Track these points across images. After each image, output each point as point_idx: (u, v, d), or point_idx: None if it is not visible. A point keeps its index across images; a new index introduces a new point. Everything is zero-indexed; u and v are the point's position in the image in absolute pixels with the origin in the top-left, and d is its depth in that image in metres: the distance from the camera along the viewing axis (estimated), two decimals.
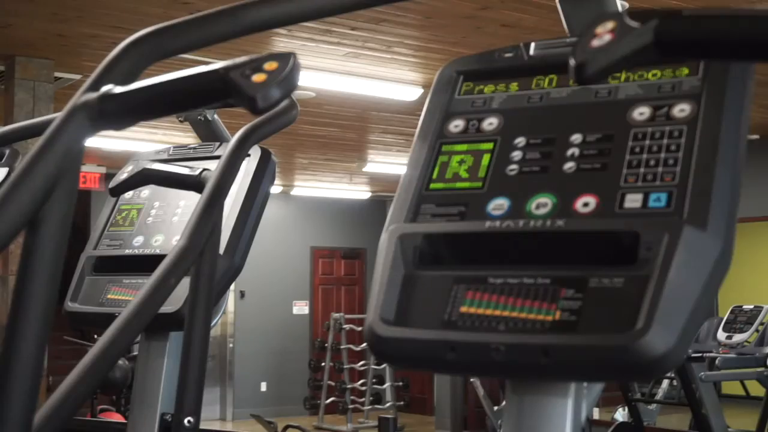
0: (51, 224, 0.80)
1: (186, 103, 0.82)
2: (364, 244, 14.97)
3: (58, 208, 0.80)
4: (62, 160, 0.81)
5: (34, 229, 0.79)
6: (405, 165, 3.18)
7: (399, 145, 9.77)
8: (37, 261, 0.79)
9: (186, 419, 1.31)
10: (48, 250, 0.80)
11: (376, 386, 13.40)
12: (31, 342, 0.78)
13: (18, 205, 0.78)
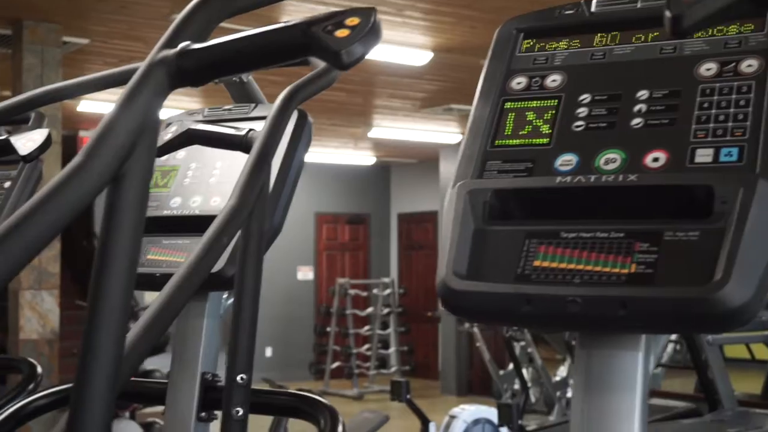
0: (133, 179, 0.81)
1: (266, 60, 0.82)
2: (369, 209, 14.99)
3: (140, 163, 0.81)
4: (143, 116, 0.82)
5: (117, 184, 0.80)
6: (412, 130, 3.17)
7: (406, 110, 9.76)
8: (121, 216, 0.80)
9: (239, 376, 1.32)
10: (131, 205, 0.81)
11: (381, 351, 13.47)
12: (118, 297, 0.79)
13: (102, 162, 0.79)
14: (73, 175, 0.77)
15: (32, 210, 0.74)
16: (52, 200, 0.76)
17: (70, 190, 0.77)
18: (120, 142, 0.80)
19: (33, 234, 0.74)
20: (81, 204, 0.77)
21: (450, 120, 10.48)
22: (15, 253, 0.72)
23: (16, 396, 2.15)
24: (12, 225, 0.73)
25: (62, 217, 0.76)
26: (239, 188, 1.30)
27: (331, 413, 1.53)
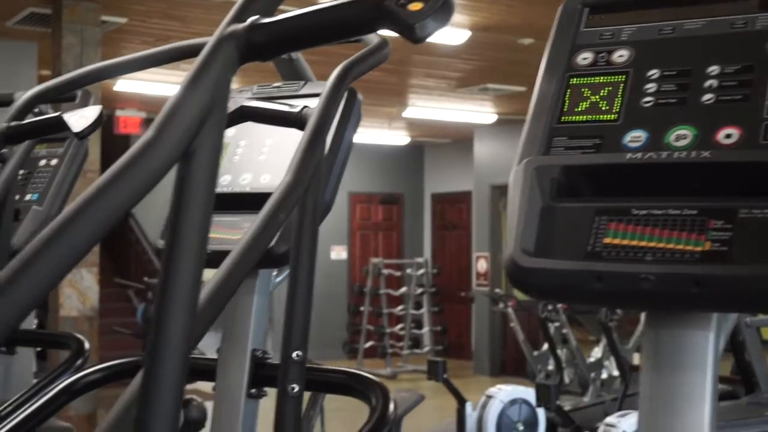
0: (204, 154, 0.81)
1: (337, 34, 0.82)
2: (402, 189, 14.98)
3: (210, 138, 0.81)
4: (213, 90, 0.81)
5: (187, 160, 0.80)
6: (447, 110, 3.15)
7: (441, 90, 9.72)
8: (191, 191, 0.80)
9: (294, 353, 1.33)
10: (202, 179, 0.81)
11: (414, 331, 13.49)
12: (189, 272, 0.79)
13: (173, 137, 0.78)
14: (145, 151, 0.77)
15: (106, 185, 0.74)
16: (124, 176, 0.75)
17: (142, 165, 0.77)
18: (190, 117, 0.80)
19: (107, 208, 0.73)
20: (153, 180, 0.77)
21: (485, 100, 10.43)
22: (90, 228, 0.72)
23: (65, 371, 2.17)
24: (87, 200, 0.73)
25: (134, 192, 0.76)
26: (294, 165, 1.29)
27: (383, 391, 1.53)
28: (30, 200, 2.37)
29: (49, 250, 0.69)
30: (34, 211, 2.33)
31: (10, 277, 0.67)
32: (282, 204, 1.23)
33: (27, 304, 0.67)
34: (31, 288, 0.67)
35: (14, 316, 0.66)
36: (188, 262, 0.79)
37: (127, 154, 0.77)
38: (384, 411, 1.50)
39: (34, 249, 0.69)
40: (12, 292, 0.66)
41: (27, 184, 2.42)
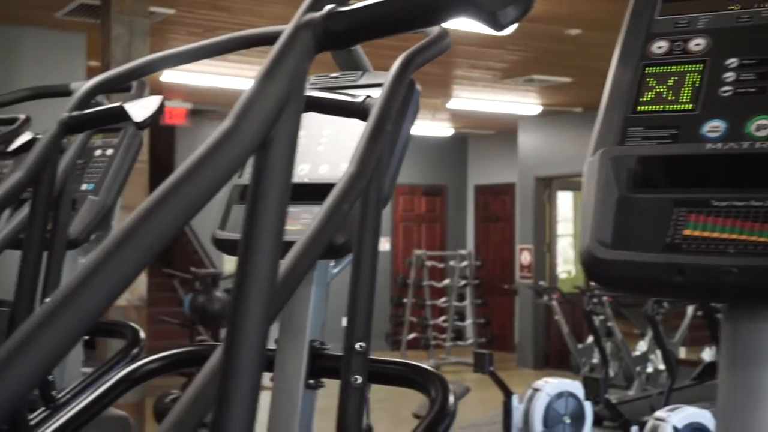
0: (281, 144, 0.80)
1: (416, 22, 0.81)
2: (445, 181, 14.95)
3: (287, 127, 0.80)
4: (290, 79, 0.81)
5: (265, 149, 0.80)
6: (491, 101, 3.10)
7: (486, 81, 9.67)
8: (268, 181, 0.80)
9: (357, 344, 1.32)
10: (279, 169, 0.80)
11: (457, 323, 13.47)
12: (266, 262, 0.79)
13: (252, 126, 0.78)
14: (224, 140, 0.77)
15: (186, 174, 0.74)
16: (204, 165, 0.75)
17: (221, 154, 0.76)
18: (268, 106, 0.79)
19: (189, 197, 0.73)
20: (232, 169, 0.77)
21: (530, 91, 10.37)
22: (172, 216, 0.72)
23: (121, 360, 2.19)
24: (169, 189, 0.72)
25: (215, 181, 0.76)
26: (358, 155, 1.28)
27: (442, 384, 1.52)
28: (86, 190, 2.39)
29: (133, 239, 0.69)
30: (90, 200, 2.35)
31: (97, 264, 0.67)
32: (345, 195, 1.22)
33: (115, 292, 0.67)
34: (118, 275, 0.67)
35: (106, 299, 0.66)
36: (265, 252, 0.79)
37: (206, 144, 0.76)
38: (444, 404, 1.49)
39: (117, 239, 0.69)
40: (100, 279, 0.66)
41: (83, 173, 2.44)
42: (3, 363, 0.61)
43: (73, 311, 0.64)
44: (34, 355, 0.62)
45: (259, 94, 0.79)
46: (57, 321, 0.63)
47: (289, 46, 0.82)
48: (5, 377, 0.60)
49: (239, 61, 8.27)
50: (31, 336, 0.62)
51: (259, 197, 0.80)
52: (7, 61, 7.18)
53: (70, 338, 0.64)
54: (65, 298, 0.64)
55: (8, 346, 0.62)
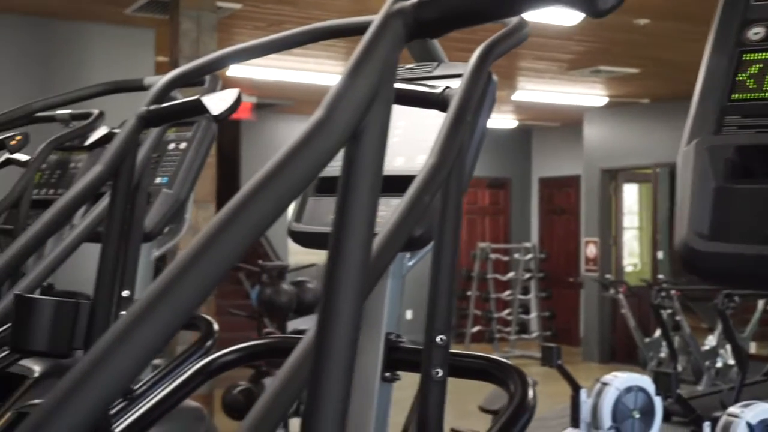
0: (372, 135, 0.79)
1: (510, 9, 0.79)
2: (509, 173, 14.85)
3: (378, 118, 0.79)
4: (381, 69, 0.80)
5: (355, 140, 0.79)
6: (557, 93, 3.03)
7: (552, 72, 9.58)
8: (360, 172, 0.79)
9: (438, 337, 1.31)
10: (370, 160, 0.79)
11: (522, 316, 13.40)
12: (357, 255, 0.78)
13: (343, 117, 0.77)
14: (316, 131, 0.76)
15: (279, 166, 0.73)
16: (297, 156, 0.74)
17: (314, 146, 0.75)
18: (359, 96, 0.78)
19: (282, 189, 0.73)
20: (324, 160, 0.76)
21: (596, 82, 10.25)
22: (266, 209, 0.71)
23: (195, 352, 2.20)
24: (262, 181, 0.72)
25: (307, 173, 0.75)
26: (438, 146, 1.27)
27: (521, 378, 1.50)
28: (160, 183, 2.41)
29: (227, 232, 0.69)
30: (165, 194, 2.37)
31: (192, 258, 0.66)
32: (426, 186, 1.21)
33: (209, 285, 0.66)
34: (213, 268, 0.67)
35: (202, 293, 0.65)
36: (357, 245, 0.78)
37: (299, 135, 0.76)
38: (523, 398, 1.47)
39: (211, 232, 0.69)
40: (195, 273, 0.65)
41: (157, 167, 2.46)
42: (104, 356, 0.60)
43: (170, 306, 0.64)
44: (133, 348, 0.61)
45: (350, 84, 0.78)
46: (156, 314, 0.62)
47: (379, 35, 0.81)
48: (108, 370, 0.60)
49: (303, 54, 8.30)
50: (130, 330, 0.62)
51: (350, 189, 0.79)
52: (76, 58, 7.29)
53: (167, 332, 0.64)
54: (162, 292, 0.64)
55: (108, 339, 0.62)
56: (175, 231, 2.56)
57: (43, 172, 3.00)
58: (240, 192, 0.72)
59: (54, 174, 3.01)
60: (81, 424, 0.58)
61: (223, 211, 0.70)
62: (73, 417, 0.58)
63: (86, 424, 0.59)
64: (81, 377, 0.60)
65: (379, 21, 0.81)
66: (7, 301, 1.67)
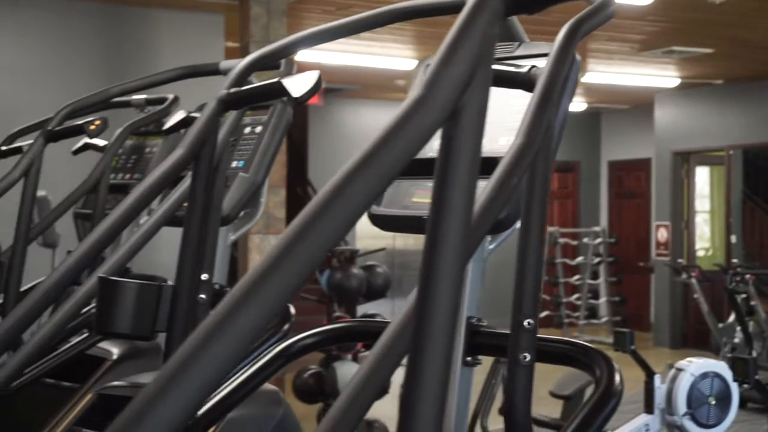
0: (471, 113, 0.77)
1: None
2: (578, 156, 14.70)
3: (477, 95, 0.77)
4: (480, 45, 0.78)
5: (455, 118, 0.77)
6: (627, 74, 2.95)
7: (623, 54, 9.43)
8: (458, 151, 0.77)
9: (525, 321, 1.29)
10: (469, 139, 0.77)
11: (591, 301, 13.27)
12: (456, 234, 0.76)
13: (443, 94, 0.75)
14: (415, 109, 0.75)
15: (380, 144, 0.72)
16: (397, 134, 0.73)
17: (413, 123, 0.74)
18: (459, 72, 0.76)
19: (383, 167, 0.71)
20: (423, 138, 0.74)
21: (669, 63, 10.07)
22: (367, 187, 0.70)
23: (272, 336, 2.21)
24: (363, 159, 0.70)
25: (407, 151, 0.73)
26: (525, 127, 1.25)
27: (608, 363, 1.47)
28: (236, 167, 2.41)
29: (330, 211, 0.68)
30: (241, 177, 2.37)
31: (298, 235, 0.65)
32: (514, 167, 1.19)
33: (315, 262, 0.65)
34: (319, 243, 0.65)
35: (304, 274, 0.64)
36: (456, 226, 0.76)
37: (397, 113, 0.74)
38: (610, 384, 1.44)
39: (314, 211, 0.68)
40: (298, 252, 0.64)
41: (233, 151, 2.46)
42: (206, 342, 0.60)
43: (274, 288, 0.63)
44: (236, 333, 0.60)
45: (448, 61, 0.76)
46: (260, 297, 0.61)
47: (477, 11, 0.79)
48: (210, 356, 0.59)
49: (370, 38, 8.29)
50: (232, 315, 0.61)
51: (449, 169, 0.77)
52: (146, 43, 7.38)
53: (271, 314, 0.63)
54: (265, 274, 0.63)
55: (210, 324, 0.61)
56: (250, 215, 2.56)
57: (119, 157, 3.03)
58: (339, 172, 0.70)
59: (130, 159, 3.04)
60: (187, 408, 0.57)
61: (322, 192, 0.69)
62: (178, 402, 0.58)
63: (190, 409, 0.58)
64: (185, 362, 0.59)
65: None
66: (87, 286, 1.68)
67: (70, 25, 7.11)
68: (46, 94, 6.41)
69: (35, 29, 6.98)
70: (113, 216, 1.63)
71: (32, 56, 6.93)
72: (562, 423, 5.34)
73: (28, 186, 2.51)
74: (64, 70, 6.89)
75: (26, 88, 6.74)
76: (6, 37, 6.92)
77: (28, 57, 6.93)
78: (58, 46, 7.02)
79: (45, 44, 7.01)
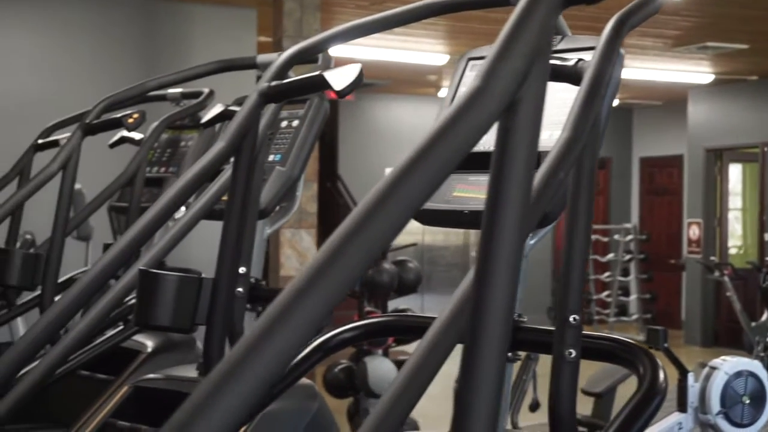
0: (529, 104, 0.76)
1: None
2: (609, 153, 14.61)
3: (535, 87, 0.76)
4: (538, 36, 0.77)
5: (511, 111, 0.75)
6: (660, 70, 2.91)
7: (657, 49, 9.36)
8: (516, 143, 0.76)
9: (571, 317, 1.27)
10: (526, 133, 0.76)
11: (621, 298, 13.19)
12: (513, 228, 0.75)
13: (501, 85, 0.74)
14: (473, 100, 0.73)
15: (438, 135, 0.71)
16: (456, 125, 0.72)
17: (472, 115, 0.73)
18: (517, 64, 0.75)
19: (442, 158, 0.70)
20: (482, 129, 0.73)
21: (702, 59, 9.98)
22: (428, 176, 0.69)
23: None
24: (423, 149, 0.69)
25: (466, 142, 0.72)
26: (572, 120, 1.23)
27: (651, 361, 1.46)
28: (273, 161, 2.41)
29: (389, 203, 0.67)
30: (278, 171, 2.36)
31: (355, 229, 0.64)
32: (560, 161, 1.17)
33: (373, 254, 0.64)
34: (378, 236, 0.64)
35: (361, 267, 0.63)
36: (514, 220, 0.75)
37: (456, 104, 0.73)
38: (653, 382, 1.43)
39: (372, 202, 0.67)
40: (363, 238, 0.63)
41: (270, 144, 2.46)
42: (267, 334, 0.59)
43: (336, 277, 0.62)
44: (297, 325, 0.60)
45: (506, 52, 0.75)
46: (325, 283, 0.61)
47: (536, 2, 0.77)
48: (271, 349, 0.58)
49: (403, 33, 8.27)
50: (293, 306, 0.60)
51: (506, 162, 0.76)
52: (179, 37, 7.40)
53: (336, 300, 0.62)
54: (326, 263, 0.62)
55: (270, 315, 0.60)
56: (286, 209, 2.56)
57: (154, 151, 3.04)
58: (399, 164, 0.69)
59: (165, 152, 3.05)
60: (248, 402, 0.57)
61: (380, 184, 0.68)
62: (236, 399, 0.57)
63: (251, 402, 0.57)
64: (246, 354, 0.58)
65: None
66: (124, 280, 1.68)
67: (103, 19, 7.15)
68: (76, 87, 6.46)
69: (68, 23, 7.02)
70: (154, 209, 1.63)
71: (65, 50, 6.98)
72: (594, 420, 5.30)
73: (66, 179, 2.52)
74: (97, 64, 6.93)
75: (58, 81, 6.78)
76: (38, 30, 6.97)
77: (60, 51, 6.97)
78: (90, 39, 7.06)
79: (78, 38, 7.05)
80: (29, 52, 6.87)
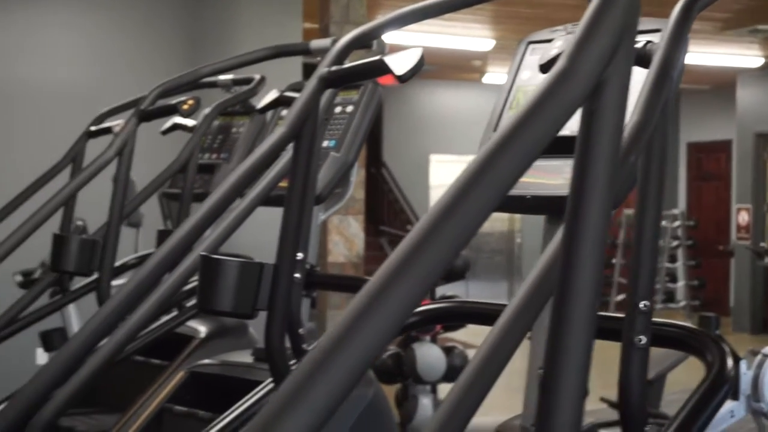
0: (615, 85, 0.74)
1: None
2: None
3: (621, 67, 0.75)
4: (624, 16, 0.75)
5: (597, 92, 0.74)
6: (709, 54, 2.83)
7: (706, 33, 9.22)
8: (602, 125, 0.74)
9: (641, 303, 1.25)
10: (613, 114, 0.74)
11: (669, 285, 13.06)
12: (599, 212, 0.74)
13: (587, 67, 0.72)
14: (560, 81, 0.72)
15: (525, 118, 0.70)
16: (544, 106, 0.70)
17: (559, 97, 0.71)
18: (603, 44, 0.73)
19: (532, 139, 0.69)
20: (570, 110, 0.72)
21: (753, 43, 9.82)
22: (518, 158, 0.68)
23: None
24: (509, 133, 0.68)
25: (555, 123, 0.71)
26: (642, 103, 1.21)
27: (720, 350, 1.43)
28: (328, 147, 2.41)
29: (475, 189, 0.66)
30: (333, 157, 2.36)
31: (440, 219, 0.63)
32: (631, 145, 1.15)
33: (463, 239, 0.63)
34: (464, 226, 0.63)
35: (450, 255, 0.62)
36: (599, 204, 0.74)
37: (542, 85, 0.71)
38: (721, 371, 1.41)
39: (459, 188, 0.66)
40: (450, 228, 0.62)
41: (324, 130, 2.45)
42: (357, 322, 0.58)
43: (426, 263, 0.61)
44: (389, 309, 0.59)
45: (592, 32, 0.73)
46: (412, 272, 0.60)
47: None
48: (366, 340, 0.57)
49: (451, 18, 8.22)
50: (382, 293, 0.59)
51: (591, 145, 0.74)
52: (225, 23, 7.41)
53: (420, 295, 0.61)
54: (419, 246, 0.61)
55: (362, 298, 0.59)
56: (340, 195, 2.55)
57: (205, 137, 3.05)
58: (485, 146, 0.68)
59: (216, 138, 3.06)
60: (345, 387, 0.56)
61: (466, 169, 0.67)
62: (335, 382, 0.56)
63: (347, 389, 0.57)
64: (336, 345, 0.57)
65: None
66: (183, 266, 1.68)
67: (148, 6, 7.19)
68: (122, 74, 6.49)
69: (115, 9, 7.06)
70: (215, 196, 1.63)
71: (110, 37, 7.02)
72: (656, 411, 5.26)
73: (122, 165, 2.53)
74: (141, 51, 6.96)
75: (103, 68, 6.82)
76: (85, 17, 7.01)
77: (106, 37, 7.02)
78: (136, 26, 7.10)
79: (123, 24, 7.09)
80: (75, 40, 6.92)
